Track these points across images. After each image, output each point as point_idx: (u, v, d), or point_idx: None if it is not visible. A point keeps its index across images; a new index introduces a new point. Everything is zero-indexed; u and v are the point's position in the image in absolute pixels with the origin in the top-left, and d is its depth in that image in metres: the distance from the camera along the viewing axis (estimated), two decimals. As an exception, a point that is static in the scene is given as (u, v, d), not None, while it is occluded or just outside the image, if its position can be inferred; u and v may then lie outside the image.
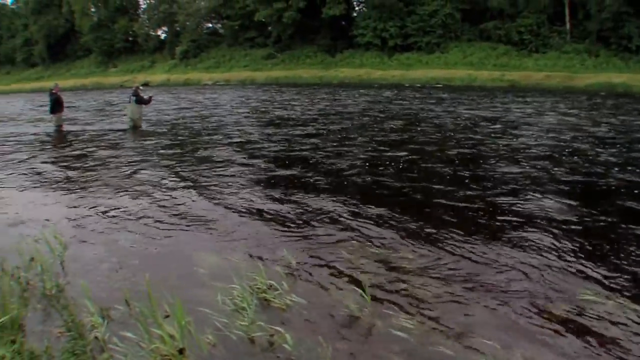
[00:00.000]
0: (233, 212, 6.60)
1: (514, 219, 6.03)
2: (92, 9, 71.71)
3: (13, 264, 4.80)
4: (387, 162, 9.42)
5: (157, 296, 3.62)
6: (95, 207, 7.15)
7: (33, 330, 3.72)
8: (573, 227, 5.72)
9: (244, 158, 10.41)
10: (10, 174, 9.99)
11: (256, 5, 50.79)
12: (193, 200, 7.26)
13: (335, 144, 11.78)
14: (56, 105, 16.93)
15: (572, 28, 38.10)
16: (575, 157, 9.67)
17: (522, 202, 6.70)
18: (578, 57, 35.75)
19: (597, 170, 8.54)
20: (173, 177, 8.93)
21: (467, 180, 7.94)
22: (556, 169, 8.70)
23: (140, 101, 16.15)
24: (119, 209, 6.97)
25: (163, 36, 67.40)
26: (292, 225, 6.00)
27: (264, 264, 4.67)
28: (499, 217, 6.12)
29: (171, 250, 5.37)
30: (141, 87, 17.25)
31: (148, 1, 67.76)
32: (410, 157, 9.92)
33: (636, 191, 7.22)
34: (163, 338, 3.32)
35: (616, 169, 8.60)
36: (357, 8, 50.85)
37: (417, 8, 43.10)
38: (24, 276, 4.63)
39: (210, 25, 62.07)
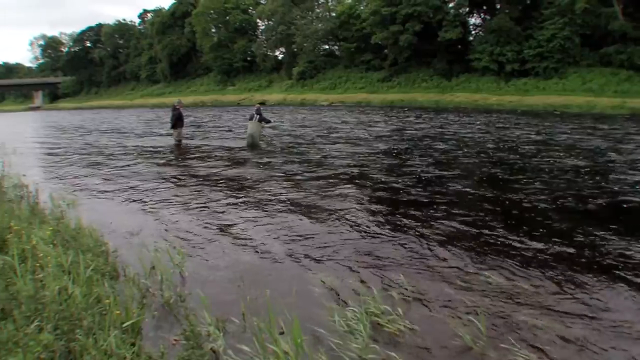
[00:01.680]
0: (350, 233, 7.03)
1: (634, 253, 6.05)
2: (213, 30, 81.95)
3: (134, 271, 5.34)
4: (515, 193, 9.41)
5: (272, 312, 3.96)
6: (213, 220, 7.89)
7: (150, 335, 4.17)
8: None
9: (359, 179, 11.06)
10: (132, 184, 11.29)
11: (372, 28, 56.64)
12: (310, 219, 7.78)
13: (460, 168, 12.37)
14: (178, 121, 18.76)
15: (703, 51, 39.24)
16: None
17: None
18: None
19: None
20: (289, 194, 9.63)
21: (593, 212, 8.16)
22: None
23: (262, 119, 17.53)
24: (236, 224, 7.63)
25: (280, 57, 76.38)
26: (408, 249, 6.30)
27: (378, 287, 4.91)
28: (619, 251, 6.10)
29: (288, 267, 5.78)
30: (262, 107, 18.57)
31: (266, 22, 76.26)
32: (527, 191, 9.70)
33: None
34: (277, 354, 3.60)
35: None
36: (473, 32, 55.55)
37: (535, 32, 46.16)
38: (144, 283, 5.08)
39: (327, 46, 68.17)
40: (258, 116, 17.27)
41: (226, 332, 4.17)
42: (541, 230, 6.98)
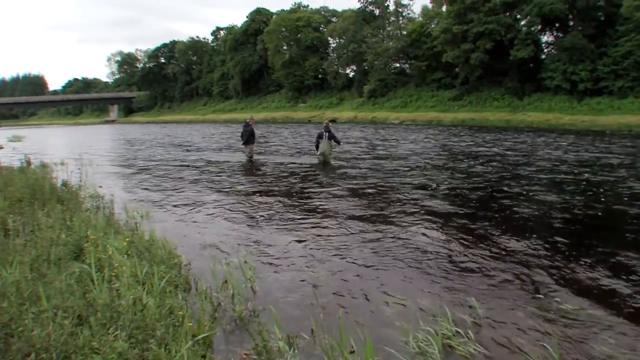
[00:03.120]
0: (423, 253, 7.19)
1: None
2: (285, 47, 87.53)
3: (206, 284, 5.57)
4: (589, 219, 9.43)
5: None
6: (284, 236, 8.28)
7: (220, 348, 4.41)
8: None
9: (432, 199, 11.19)
10: (204, 198, 11.78)
11: (443, 46, 59.94)
12: (383, 238, 8.00)
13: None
14: (250, 137, 19.78)
15: None
16: None
17: None
18: None
19: None
20: (360, 213, 9.91)
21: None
22: None
23: (332, 137, 18.18)
24: (307, 240, 7.98)
25: (351, 74, 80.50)
26: (478, 271, 6.43)
27: (450, 309, 4.97)
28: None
29: (359, 286, 5.99)
30: (331, 124, 19.28)
31: (338, 40, 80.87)
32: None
33: None
34: (348, 373, 3.76)
35: None
36: (545, 50, 56.86)
37: (610, 50, 47.42)
38: (216, 297, 5.35)
39: (397, 65, 71.82)
40: (327, 134, 18.09)
41: (297, 348, 4.31)
42: (619, 258, 6.85)
